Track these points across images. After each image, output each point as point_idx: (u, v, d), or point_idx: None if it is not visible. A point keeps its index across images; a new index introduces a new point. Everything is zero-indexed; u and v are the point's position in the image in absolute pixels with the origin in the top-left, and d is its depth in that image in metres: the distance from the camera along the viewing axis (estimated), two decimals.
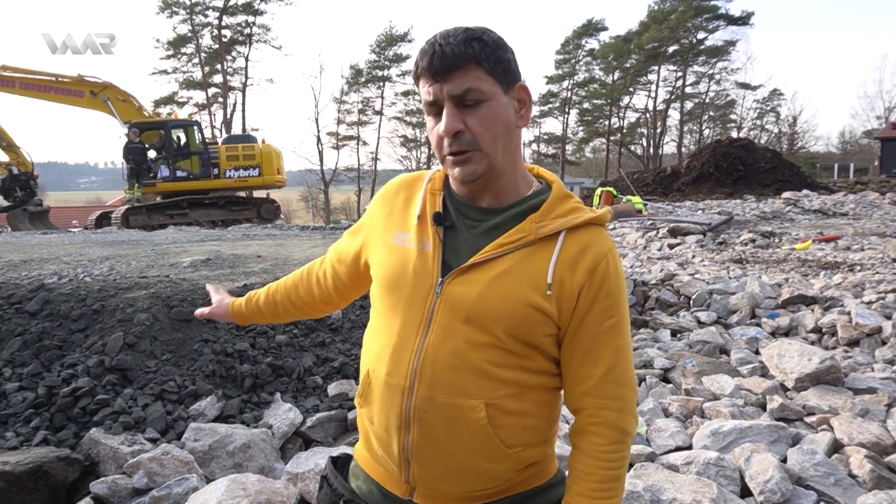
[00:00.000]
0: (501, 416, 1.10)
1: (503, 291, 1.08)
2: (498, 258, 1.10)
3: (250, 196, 19.06)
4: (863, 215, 16.56)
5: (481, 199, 1.15)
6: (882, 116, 50.69)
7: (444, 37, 1.07)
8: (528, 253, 1.10)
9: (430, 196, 1.19)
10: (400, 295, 1.15)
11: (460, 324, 1.09)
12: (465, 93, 1.05)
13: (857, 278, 7.00)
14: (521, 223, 1.11)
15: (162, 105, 39.11)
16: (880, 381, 3.79)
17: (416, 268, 1.14)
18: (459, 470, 1.12)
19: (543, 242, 1.10)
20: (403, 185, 1.27)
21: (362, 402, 1.22)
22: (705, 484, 2.51)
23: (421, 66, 1.09)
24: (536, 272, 1.09)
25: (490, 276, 1.09)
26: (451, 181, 1.19)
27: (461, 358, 1.09)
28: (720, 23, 45.07)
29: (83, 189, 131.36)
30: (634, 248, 11.40)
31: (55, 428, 2.96)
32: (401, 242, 1.18)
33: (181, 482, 2.61)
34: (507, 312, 1.08)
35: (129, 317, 3.63)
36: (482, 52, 1.06)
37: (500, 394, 1.09)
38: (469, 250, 1.12)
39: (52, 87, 16.21)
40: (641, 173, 32.23)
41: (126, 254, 6.44)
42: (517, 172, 1.16)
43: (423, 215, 1.18)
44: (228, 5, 38.36)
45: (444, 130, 1.07)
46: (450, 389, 1.09)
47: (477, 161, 1.09)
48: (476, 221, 1.14)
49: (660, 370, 4.24)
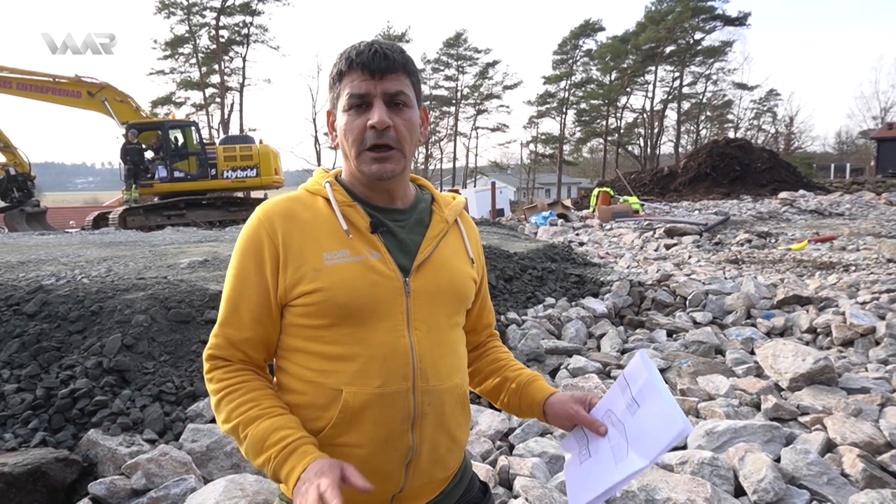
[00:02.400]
0: (466, 385, 1.30)
1: (457, 272, 1.25)
2: (438, 247, 1.24)
3: (248, 196, 19.04)
4: (858, 215, 16.61)
5: (394, 201, 1.24)
6: (878, 117, 50.91)
7: (377, 42, 1.16)
8: (450, 238, 1.28)
9: (347, 210, 1.18)
10: (364, 307, 1.12)
11: (436, 313, 1.20)
12: (397, 93, 1.15)
13: (852, 278, 7.04)
14: (434, 216, 1.28)
15: (159, 105, 39.12)
16: (873, 381, 3.82)
17: (377, 276, 1.14)
18: (450, 447, 1.23)
19: (451, 227, 1.30)
20: (293, 209, 1.18)
21: (337, 433, 1.12)
22: (699, 483, 2.53)
23: (356, 61, 1.13)
24: (461, 250, 1.30)
25: (441, 263, 1.23)
26: (358, 183, 1.21)
27: (445, 344, 1.21)
28: (717, 23, 45.29)
29: (80, 190, 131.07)
30: (631, 249, 11.42)
31: (53, 429, 2.97)
32: (341, 260, 1.13)
33: (179, 483, 2.62)
34: (463, 289, 1.26)
35: (128, 318, 3.65)
36: (411, 66, 1.19)
37: (464, 365, 1.30)
38: (410, 247, 1.21)
39: (50, 88, 16.19)
40: (638, 173, 32.28)
41: (124, 255, 6.45)
42: (409, 176, 1.29)
43: (353, 228, 1.17)
44: (226, 6, 38.39)
45: (377, 122, 1.12)
46: (443, 375, 1.19)
47: (396, 161, 1.17)
48: (400, 221, 1.23)
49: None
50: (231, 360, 1.17)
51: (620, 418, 1.17)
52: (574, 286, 6.24)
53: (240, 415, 1.11)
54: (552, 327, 5.04)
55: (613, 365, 4.39)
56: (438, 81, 51.31)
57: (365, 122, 1.13)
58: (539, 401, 1.33)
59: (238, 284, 1.16)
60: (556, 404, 1.30)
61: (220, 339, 1.17)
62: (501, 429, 3.30)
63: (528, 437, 3.21)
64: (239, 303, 1.16)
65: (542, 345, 4.55)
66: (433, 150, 52.64)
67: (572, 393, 1.30)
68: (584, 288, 6.20)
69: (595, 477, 1.15)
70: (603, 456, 1.16)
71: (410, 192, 1.28)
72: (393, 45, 1.17)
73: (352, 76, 1.14)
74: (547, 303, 5.61)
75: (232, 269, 1.19)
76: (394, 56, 1.14)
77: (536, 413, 1.34)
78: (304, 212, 1.18)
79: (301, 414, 1.15)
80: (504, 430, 3.32)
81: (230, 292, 1.17)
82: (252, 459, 1.10)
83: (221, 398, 1.14)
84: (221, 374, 1.16)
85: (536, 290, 5.90)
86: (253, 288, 1.15)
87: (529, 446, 3.07)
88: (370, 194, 1.22)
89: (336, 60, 1.18)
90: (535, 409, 1.34)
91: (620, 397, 1.19)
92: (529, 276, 6.20)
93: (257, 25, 39.97)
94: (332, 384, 1.12)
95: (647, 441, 1.07)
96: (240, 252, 1.17)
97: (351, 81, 1.14)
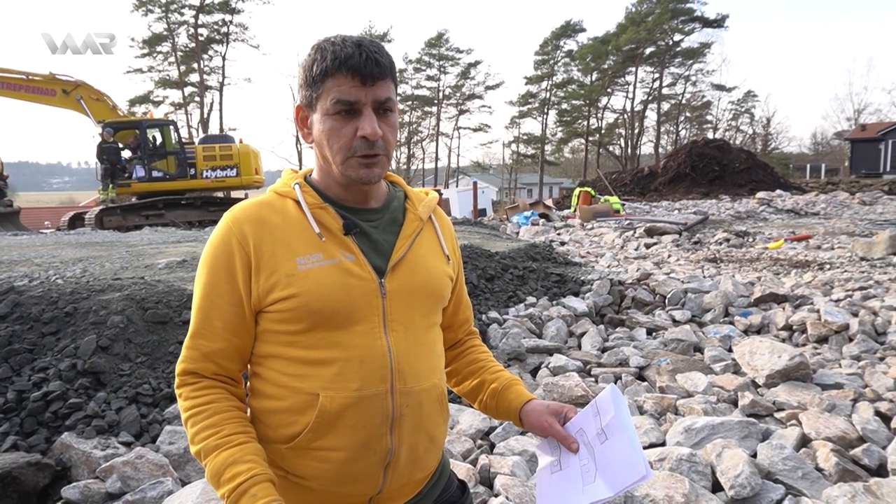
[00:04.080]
0: (444, 385, 1.28)
1: (432, 271, 1.24)
2: (412, 246, 1.22)
3: (228, 196, 18.86)
4: (833, 215, 16.93)
5: (368, 201, 1.22)
6: (852, 118, 51.98)
7: (364, 43, 1.10)
8: (425, 235, 1.27)
9: (318, 212, 1.16)
10: (340, 310, 1.11)
11: (412, 313, 1.19)
12: (386, 101, 1.12)
13: (827, 276, 7.17)
14: (408, 214, 1.26)
15: (137, 104, 38.54)
16: (847, 377, 3.89)
17: (351, 279, 1.13)
18: (429, 447, 1.22)
19: (426, 224, 1.29)
20: (262, 214, 1.16)
21: (314, 437, 1.11)
22: (678, 480, 2.55)
23: (346, 64, 1.07)
24: (436, 248, 1.29)
25: (417, 262, 1.21)
26: (334, 183, 1.19)
27: (422, 345, 1.20)
28: (696, 25, 45.84)
29: (56, 189, 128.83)
30: (612, 248, 11.51)
31: (25, 433, 2.91)
32: (315, 265, 1.11)
33: (156, 486, 2.59)
34: (439, 288, 1.25)
35: (103, 319, 3.59)
36: (394, 67, 1.16)
37: (442, 365, 1.29)
38: (385, 247, 1.19)
39: (23, 86, 15.87)
40: (619, 173, 32.58)
41: (100, 255, 6.34)
42: None
43: (325, 231, 1.15)
44: (205, 3, 37.93)
45: (371, 134, 1.09)
46: (421, 376, 1.18)
47: (382, 166, 1.16)
48: (374, 221, 1.21)
49: (635, 368, 4.30)
50: (203, 373, 1.14)
51: (591, 442, 1.17)
52: (555, 285, 6.27)
53: (202, 440, 1.09)
54: (533, 326, 5.06)
55: (594, 363, 4.42)
56: (420, 81, 51.30)
57: (354, 130, 1.10)
58: (516, 407, 1.31)
59: (209, 293, 1.13)
60: (531, 413, 1.29)
61: (192, 351, 1.14)
62: (482, 427, 3.31)
63: (509, 436, 3.22)
64: (210, 312, 1.13)
65: (524, 344, 4.56)
66: (415, 150, 52.62)
67: (549, 403, 1.28)
68: (565, 287, 6.23)
69: (563, 495, 1.16)
70: (572, 473, 1.18)
71: (383, 189, 1.26)
72: (379, 46, 1.13)
73: (339, 80, 1.08)
74: (528, 302, 5.63)
75: (202, 277, 1.15)
76: (385, 61, 1.11)
77: (513, 418, 1.33)
78: (274, 216, 1.16)
79: (277, 419, 1.13)
80: (485, 428, 3.32)
81: (201, 302, 1.14)
82: (214, 488, 1.08)
83: (188, 419, 1.12)
84: (189, 391, 1.13)
85: (518, 290, 5.92)
86: (224, 297, 1.13)
87: (510, 445, 3.08)
88: (344, 195, 1.19)
89: (314, 54, 1.11)
90: (511, 415, 1.33)
91: (592, 421, 1.19)
92: (511, 275, 6.22)
93: (237, 24, 39.54)
94: (309, 388, 1.11)
95: (613, 473, 1.09)
96: (209, 260, 1.14)
97: (339, 85, 1.08)
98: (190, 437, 1.11)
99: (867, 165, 36.74)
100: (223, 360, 1.14)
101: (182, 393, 1.14)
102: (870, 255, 8.99)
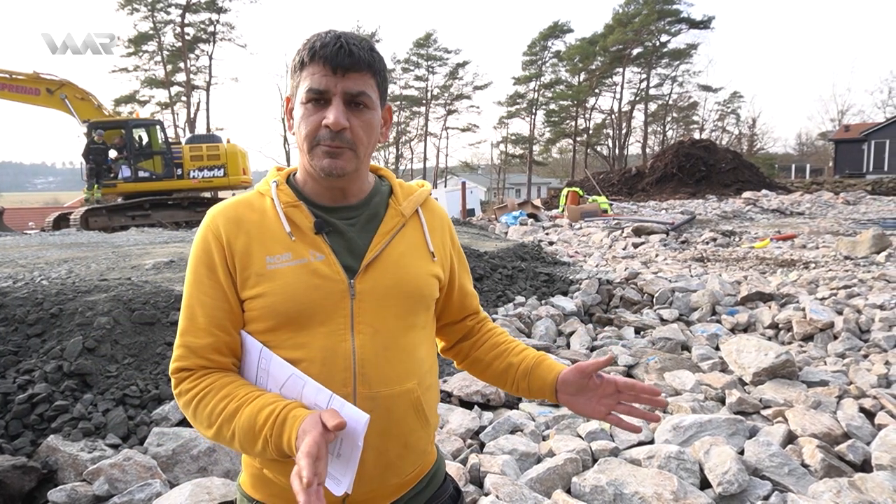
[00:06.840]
0: (425, 392, 1.20)
1: (410, 271, 1.19)
2: (390, 244, 1.18)
3: (215, 197, 18.73)
4: (818, 214, 17.12)
5: (346, 198, 1.19)
6: (836, 119, 52.60)
7: (345, 36, 1.10)
8: (407, 232, 1.22)
9: (291, 210, 1.15)
10: (304, 312, 1.10)
11: (384, 315, 1.14)
12: (359, 94, 1.10)
13: (812, 275, 7.25)
14: (389, 210, 1.22)
15: (123, 104, 38.19)
16: (832, 375, 3.94)
17: (318, 280, 1.11)
18: (403, 454, 1.17)
19: (409, 220, 1.24)
20: (239, 213, 1.16)
21: None
22: (666, 477, 2.57)
23: (319, 54, 1.08)
24: (420, 245, 1.23)
25: (393, 261, 1.17)
26: (311, 178, 1.17)
27: (395, 348, 1.15)
28: (682, 26, 46.21)
29: (40, 190, 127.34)
30: (600, 248, 11.57)
31: (11, 436, 2.87)
32: (284, 264, 1.11)
33: (144, 488, 2.56)
34: (417, 288, 1.19)
35: (89, 320, 3.55)
36: (378, 64, 1.14)
37: (423, 369, 1.20)
38: (360, 246, 1.16)
39: (7, 85, 15.67)
40: (607, 174, 32.75)
41: (85, 256, 6.28)
42: (366, 172, 1.24)
43: (296, 230, 1.14)
44: (191, 2, 37.71)
45: (332, 123, 1.08)
46: (389, 381, 1.13)
47: (347, 159, 1.12)
48: (349, 219, 1.18)
49: (623, 367, 4.32)
50: (194, 368, 1.13)
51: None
52: (544, 285, 6.29)
53: (219, 415, 1.07)
54: (522, 325, 5.08)
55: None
56: (408, 81, 51.32)
57: (320, 119, 1.09)
58: (550, 382, 1.27)
59: (193, 291, 1.14)
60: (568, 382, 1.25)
61: (182, 350, 1.13)
62: (472, 427, 3.31)
63: (499, 435, 3.23)
64: (195, 309, 1.13)
65: None
66: (403, 150, 52.56)
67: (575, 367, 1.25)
68: (554, 286, 6.25)
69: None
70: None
71: (367, 185, 1.23)
72: (362, 40, 1.12)
73: (313, 68, 1.09)
74: (517, 301, 5.64)
75: (187, 276, 1.16)
76: (359, 53, 1.09)
77: (548, 395, 1.29)
78: (252, 214, 1.16)
79: None
80: (475, 428, 3.33)
81: (186, 299, 1.15)
82: (250, 451, 1.06)
83: (195, 407, 1.09)
84: (188, 384, 1.12)
85: (507, 289, 5.94)
86: (208, 293, 1.12)
87: (500, 444, 3.09)
88: (320, 191, 1.18)
89: (300, 46, 1.12)
90: (546, 392, 1.29)
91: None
92: (500, 275, 6.24)
93: (224, 23, 39.38)
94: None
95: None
96: (193, 258, 1.15)
97: (311, 74, 1.09)
98: (205, 421, 1.08)
99: (851, 166, 37.22)
100: (213, 355, 1.13)
101: (181, 389, 1.12)
102: (854, 254, 9.11)
